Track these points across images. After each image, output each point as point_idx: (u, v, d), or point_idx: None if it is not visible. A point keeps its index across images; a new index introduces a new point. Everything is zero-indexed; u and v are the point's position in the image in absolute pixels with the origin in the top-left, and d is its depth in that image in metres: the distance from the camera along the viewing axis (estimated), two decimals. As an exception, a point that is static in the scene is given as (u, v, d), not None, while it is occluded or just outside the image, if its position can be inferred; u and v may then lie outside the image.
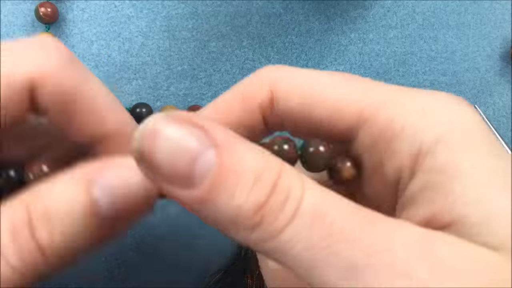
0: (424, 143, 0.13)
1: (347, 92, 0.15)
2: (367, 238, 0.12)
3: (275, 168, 0.12)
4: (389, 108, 0.15)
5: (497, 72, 0.34)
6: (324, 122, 0.15)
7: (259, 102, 0.16)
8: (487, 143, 0.14)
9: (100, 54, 0.33)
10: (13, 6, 0.32)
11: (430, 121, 0.14)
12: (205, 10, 0.33)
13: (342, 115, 0.15)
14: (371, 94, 0.15)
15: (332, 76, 0.16)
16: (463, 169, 0.13)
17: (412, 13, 0.34)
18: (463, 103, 0.15)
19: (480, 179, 0.13)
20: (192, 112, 0.17)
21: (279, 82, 0.16)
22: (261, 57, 0.33)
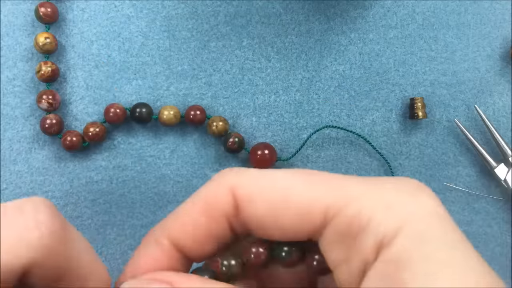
0: (386, 236, 0.14)
1: (311, 193, 0.15)
2: None
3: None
4: (354, 204, 0.15)
5: (497, 72, 0.34)
6: (291, 226, 0.16)
7: (223, 210, 0.16)
8: (444, 234, 0.14)
9: (100, 54, 0.33)
10: (13, 6, 0.32)
11: (392, 214, 0.14)
12: (205, 10, 0.33)
13: (309, 217, 0.15)
14: (335, 191, 0.15)
15: (294, 177, 0.16)
16: (415, 260, 0.13)
17: (412, 13, 0.34)
18: (424, 193, 0.15)
19: (431, 270, 0.13)
20: (157, 224, 0.18)
21: (241, 188, 0.16)
22: (261, 57, 0.33)
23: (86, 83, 0.32)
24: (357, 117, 0.33)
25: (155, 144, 0.32)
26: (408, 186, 0.15)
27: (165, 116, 0.31)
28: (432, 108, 0.34)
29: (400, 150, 0.33)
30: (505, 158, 0.33)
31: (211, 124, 0.32)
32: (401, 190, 0.15)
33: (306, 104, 0.33)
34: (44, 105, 0.31)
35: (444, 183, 0.33)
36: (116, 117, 0.31)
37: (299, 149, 0.33)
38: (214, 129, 0.31)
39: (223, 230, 0.17)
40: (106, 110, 0.32)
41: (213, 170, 0.33)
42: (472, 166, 0.34)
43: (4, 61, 0.32)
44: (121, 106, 0.32)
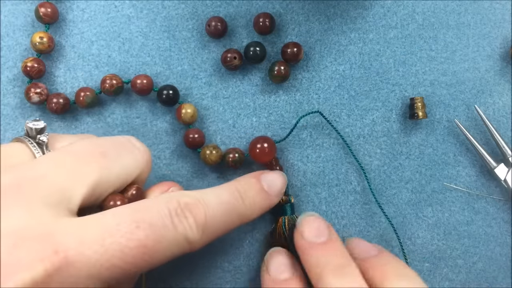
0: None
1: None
2: None
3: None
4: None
5: (497, 72, 0.34)
6: None
7: None
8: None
9: (100, 54, 0.33)
10: (13, 6, 0.32)
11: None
12: (205, 10, 0.33)
13: None
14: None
15: None
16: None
17: (412, 13, 0.34)
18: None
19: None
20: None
21: None
22: (261, 57, 0.33)
23: (87, 84, 0.32)
24: (357, 117, 0.33)
25: (155, 144, 0.32)
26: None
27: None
28: (432, 108, 0.34)
29: (400, 150, 0.33)
30: (505, 158, 0.33)
31: (205, 153, 0.31)
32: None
33: (306, 104, 0.33)
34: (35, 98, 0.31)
35: (444, 183, 0.33)
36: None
37: (289, 133, 0.33)
38: (209, 160, 0.31)
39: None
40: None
41: (213, 170, 0.33)
42: (472, 166, 0.34)
43: (4, 61, 0.32)
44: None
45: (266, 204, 0.28)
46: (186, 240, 0.23)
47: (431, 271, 0.33)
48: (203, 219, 0.23)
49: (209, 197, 0.25)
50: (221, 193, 0.26)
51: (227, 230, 0.26)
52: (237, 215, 0.26)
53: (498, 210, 0.34)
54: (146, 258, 0.21)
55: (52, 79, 0.32)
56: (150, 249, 0.21)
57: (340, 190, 0.33)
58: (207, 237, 0.24)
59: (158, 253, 0.21)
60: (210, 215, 0.24)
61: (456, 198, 0.34)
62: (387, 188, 0.33)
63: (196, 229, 0.23)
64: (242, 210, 0.26)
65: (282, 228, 0.31)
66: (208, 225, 0.23)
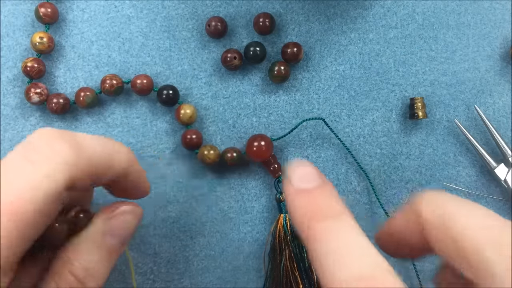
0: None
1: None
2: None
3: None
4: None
5: (497, 72, 0.34)
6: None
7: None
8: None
9: (100, 54, 0.33)
10: (13, 7, 0.32)
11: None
12: (205, 10, 0.33)
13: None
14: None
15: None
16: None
17: (412, 13, 0.34)
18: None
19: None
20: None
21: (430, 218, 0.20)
22: (261, 57, 0.33)
23: (87, 84, 0.32)
24: (357, 117, 0.33)
25: (155, 144, 0.32)
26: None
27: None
28: (432, 108, 0.34)
29: (400, 150, 0.33)
30: (505, 158, 0.33)
31: (203, 153, 0.31)
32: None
33: (306, 104, 0.33)
34: (35, 98, 0.31)
35: (444, 183, 0.33)
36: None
37: (287, 133, 0.33)
38: (207, 159, 0.31)
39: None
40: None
41: (214, 170, 0.33)
42: (472, 166, 0.34)
43: (4, 61, 0.32)
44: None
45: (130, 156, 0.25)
46: (60, 164, 0.20)
47: (431, 271, 0.33)
48: (73, 140, 0.21)
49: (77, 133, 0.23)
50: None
51: (111, 167, 0.23)
52: (118, 153, 0.23)
53: (498, 210, 0.34)
54: (17, 218, 0.19)
55: (52, 79, 0.32)
56: (16, 210, 0.19)
57: (340, 190, 0.33)
58: (88, 161, 0.21)
59: (29, 205, 0.19)
60: (82, 137, 0.22)
61: (456, 198, 0.34)
62: (387, 188, 0.33)
63: (69, 148, 0.21)
64: (123, 151, 0.24)
65: (283, 225, 0.31)
66: (83, 146, 0.21)
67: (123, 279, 0.32)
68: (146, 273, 0.32)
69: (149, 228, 0.32)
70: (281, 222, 0.31)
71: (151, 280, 0.32)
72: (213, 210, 0.33)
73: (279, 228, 0.31)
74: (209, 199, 0.33)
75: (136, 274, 0.32)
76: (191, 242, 0.33)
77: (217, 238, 0.33)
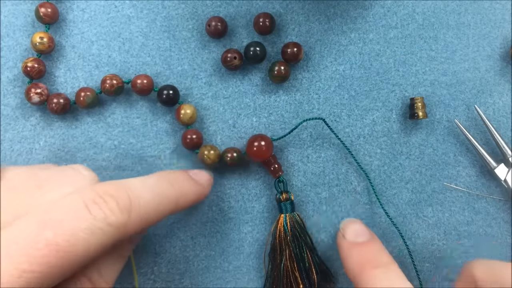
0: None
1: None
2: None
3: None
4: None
5: (497, 72, 0.34)
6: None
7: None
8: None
9: (101, 54, 0.33)
10: (13, 7, 0.32)
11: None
12: (205, 10, 0.33)
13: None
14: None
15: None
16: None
17: (412, 13, 0.34)
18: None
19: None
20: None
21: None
22: (261, 57, 0.33)
23: (87, 84, 0.32)
24: (357, 117, 0.33)
25: (155, 144, 0.32)
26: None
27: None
28: (432, 108, 0.34)
29: (400, 150, 0.33)
30: (505, 158, 0.33)
31: (203, 154, 0.31)
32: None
33: (306, 104, 0.33)
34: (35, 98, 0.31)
35: (444, 183, 0.33)
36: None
37: (288, 133, 0.33)
38: (207, 159, 0.31)
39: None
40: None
41: (214, 170, 0.33)
42: (472, 166, 0.34)
43: (5, 61, 0.32)
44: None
45: (197, 190, 0.28)
46: (109, 225, 0.22)
47: (431, 271, 0.33)
48: (126, 201, 0.23)
49: (132, 181, 0.24)
50: (147, 178, 0.25)
51: (161, 214, 0.25)
52: (167, 198, 0.25)
53: (498, 210, 0.34)
54: (61, 255, 0.21)
55: (53, 79, 0.32)
56: (63, 245, 0.21)
57: (340, 190, 0.33)
58: (138, 219, 0.23)
59: (76, 246, 0.21)
60: (135, 197, 0.23)
61: (456, 198, 0.34)
62: (387, 188, 0.33)
63: (120, 212, 0.22)
64: (172, 193, 0.26)
65: (284, 226, 0.31)
66: (134, 206, 0.23)
67: (123, 279, 0.32)
68: (147, 273, 0.32)
69: (150, 228, 0.32)
70: (281, 222, 0.31)
71: (151, 280, 0.32)
72: (213, 210, 0.33)
73: (279, 228, 0.31)
74: (209, 199, 0.33)
75: (137, 274, 0.32)
76: (192, 242, 0.33)
77: (218, 238, 0.33)
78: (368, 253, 0.26)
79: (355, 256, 0.26)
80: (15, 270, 0.20)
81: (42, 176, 0.24)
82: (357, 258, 0.26)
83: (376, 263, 0.25)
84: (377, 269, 0.25)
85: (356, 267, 0.25)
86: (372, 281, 0.24)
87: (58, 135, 0.32)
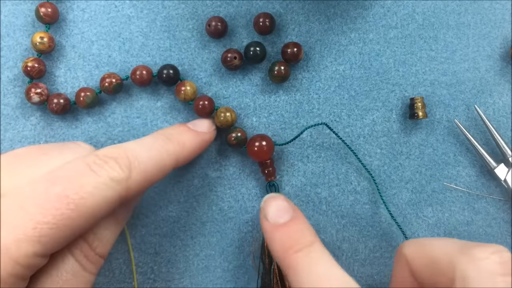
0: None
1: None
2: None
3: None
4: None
5: (497, 72, 0.34)
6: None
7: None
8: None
9: (101, 54, 0.33)
10: (13, 6, 0.32)
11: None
12: (205, 10, 0.33)
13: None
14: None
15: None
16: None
17: (412, 13, 0.34)
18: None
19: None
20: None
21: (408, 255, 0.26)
22: (261, 57, 0.33)
23: (87, 84, 0.32)
24: (357, 117, 0.33)
25: (155, 144, 0.32)
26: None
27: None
28: (432, 108, 0.34)
29: (400, 150, 0.33)
30: (505, 158, 0.33)
31: (219, 114, 0.31)
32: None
33: (306, 104, 0.33)
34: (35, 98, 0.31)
35: (444, 183, 0.34)
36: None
37: (291, 140, 0.33)
38: (222, 119, 0.31)
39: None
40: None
41: (214, 169, 0.33)
42: (472, 166, 0.34)
43: (5, 61, 0.32)
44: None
45: (196, 139, 0.29)
46: (113, 181, 0.23)
47: (431, 271, 0.33)
48: (125, 159, 0.24)
49: (129, 143, 0.26)
50: (144, 138, 0.27)
51: (163, 169, 0.26)
52: (166, 152, 0.26)
53: (498, 210, 0.34)
54: (71, 207, 0.22)
55: (53, 79, 0.32)
56: (73, 198, 0.22)
57: (340, 190, 0.33)
58: (140, 175, 0.25)
59: (85, 199, 0.22)
60: (133, 155, 0.25)
61: (456, 198, 0.34)
62: (387, 188, 0.33)
63: (121, 168, 0.24)
64: (170, 147, 0.27)
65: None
66: (134, 163, 0.24)
67: (124, 279, 0.32)
68: (147, 272, 0.32)
69: (150, 227, 0.33)
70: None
71: (151, 280, 0.32)
72: (213, 210, 0.33)
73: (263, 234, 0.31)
74: (209, 199, 0.33)
75: (136, 274, 0.32)
76: (192, 242, 0.33)
77: (218, 238, 0.33)
78: (291, 236, 0.25)
79: (278, 240, 0.25)
80: (30, 221, 0.21)
81: (46, 146, 0.26)
82: (280, 242, 0.25)
83: (298, 247, 0.25)
84: (299, 253, 0.24)
85: (280, 252, 0.25)
86: (294, 264, 0.24)
87: (58, 135, 0.32)
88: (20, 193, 0.22)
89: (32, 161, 0.25)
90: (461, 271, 0.22)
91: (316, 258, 0.24)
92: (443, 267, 0.23)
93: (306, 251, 0.24)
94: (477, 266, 0.22)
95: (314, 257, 0.24)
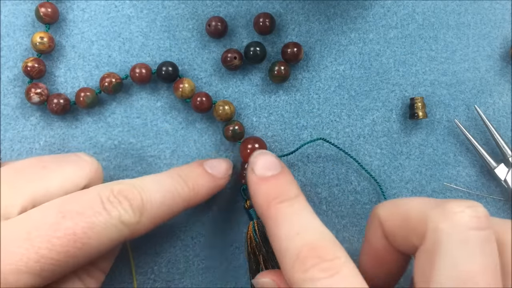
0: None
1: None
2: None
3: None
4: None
5: (497, 72, 0.34)
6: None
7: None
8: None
9: (101, 54, 0.33)
10: (13, 6, 0.32)
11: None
12: (205, 10, 0.33)
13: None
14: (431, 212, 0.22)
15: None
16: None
17: (412, 13, 0.34)
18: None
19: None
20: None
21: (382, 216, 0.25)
22: (261, 57, 0.33)
23: (87, 84, 0.32)
24: (357, 117, 0.33)
25: (155, 144, 0.32)
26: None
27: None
28: (432, 108, 0.34)
29: (400, 150, 0.33)
30: (505, 158, 0.33)
31: (218, 108, 0.31)
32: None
33: (306, 104, 0.33)
34: (35, 98, 0.31)
35: (444, 183, 0.34)
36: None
37: (291, 152, 0.33)
38: (221, 113, 0.31)
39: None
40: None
41: (214, 170, 0.33)
42: (472, 166, 0.34)
43: (5, 61, 0.32)
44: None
45: (211, 185, 0.29)
46: (122, 223, 0.23)
47: (431, 271, 0.33)
48: (139, 202, 0.24)
49: (146, 182, 0.25)
50: (160, 178, 0.26)
51: (173, 213, 0.26)
52: (179, 197, 0.26)
53: (498, 210, 0.34)
54: (78, 246, 0.22)
55: (53, 79, 0.32)
56: (80, 236, 0.22)
57: (340, 190, 0.33)
58: (149, 220, 0.25)
59: (92, 239, 0.22)
60: (147, 198, 0.24)
61: (456, 198, 0.34)
62: (387, 188, 0.33)
63: (132, 211, 0.24)
64: (185, 192, 0.27)
65: (253, 233, 0.30)
66: (146, 207, 0.24)
67: (123, 279, 0.32)
68: (147, 272, 0.32)
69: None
70: (251, 231, 0.30)
71: (151, 280, 0.32)
72: (213, 210, 0.33)
73: (250, 237, 0.30)
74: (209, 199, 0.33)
75: (136, 274, 0.32)
76: (192, 242, 0.33)
77: (218, 238, 0.33)
78: (277, 188, 0.25)
79: (263, 191, 0.25)
80: (34, 254, 0.21)
81: (46, 158, 0.26)
82: (265, 193, 0.25)
83: (282, 198, 0.24)
84: (282, 203, 0.24)
85: (264, 203, 0.24)
86: (275, 214, 0.24)
87: (58, 135, 0.32)
88: (29, 219, 0.22)
89: (32, 175, 0.25)
90: (432, 222, 0.21)
91: (298, 209, 0.24)
92: (415, 223, 0.22)
93: (289, 203, 0.24)
94: (449, 219, 0.21)
95: (297, 208, 0.24)
